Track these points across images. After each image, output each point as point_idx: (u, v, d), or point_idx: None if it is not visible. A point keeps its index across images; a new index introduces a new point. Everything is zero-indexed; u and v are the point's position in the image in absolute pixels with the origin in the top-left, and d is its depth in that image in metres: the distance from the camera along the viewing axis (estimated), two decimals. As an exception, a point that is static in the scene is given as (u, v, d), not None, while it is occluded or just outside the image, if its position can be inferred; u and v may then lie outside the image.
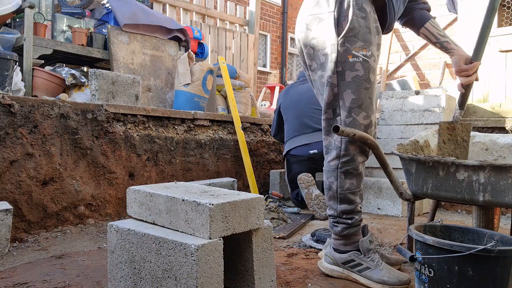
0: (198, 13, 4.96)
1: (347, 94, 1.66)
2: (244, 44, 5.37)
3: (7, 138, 2.41)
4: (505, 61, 3.94)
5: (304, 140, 3.34)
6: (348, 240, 1.79)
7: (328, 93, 1.70)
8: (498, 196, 1.68)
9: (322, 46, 1.70)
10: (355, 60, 1.64)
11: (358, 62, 1.65)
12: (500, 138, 2.27)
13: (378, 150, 1.86)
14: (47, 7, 3.68)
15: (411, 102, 3.75)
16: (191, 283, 1.35)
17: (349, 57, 1.64)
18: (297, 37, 1.86)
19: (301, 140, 3.36)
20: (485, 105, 3.96)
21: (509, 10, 4.07)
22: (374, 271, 1.72)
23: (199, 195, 1.55)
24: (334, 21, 1.65)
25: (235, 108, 3.91)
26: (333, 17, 1.65)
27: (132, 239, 1.55)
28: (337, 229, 1.80)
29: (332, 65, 1.67)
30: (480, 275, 1.35)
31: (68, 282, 1.78)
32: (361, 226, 1.82)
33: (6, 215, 2.12)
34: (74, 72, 3.42)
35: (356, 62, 1.65)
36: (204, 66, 3.79)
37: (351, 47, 1.64)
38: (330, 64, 1.67)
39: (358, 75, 1.65)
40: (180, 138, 3.39)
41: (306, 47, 1.78)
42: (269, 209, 2.96)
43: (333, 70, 1.67)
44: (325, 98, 1.71)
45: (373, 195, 3.50)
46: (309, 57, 1.79)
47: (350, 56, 1.64)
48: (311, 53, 1.76)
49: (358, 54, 1.64)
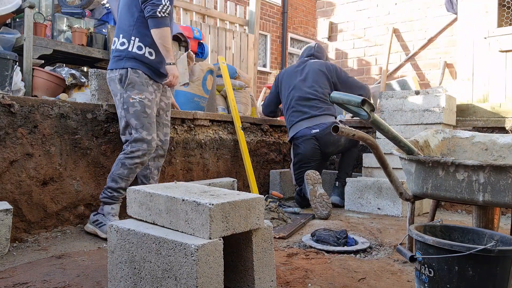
0: (198, 13, 4.96)
1: (132, 121, 2.58)
2: (244, 44, 5.37)
3: (7, 138, 2.41)
4: (505, 61, 3.94)
5: (306, 124, 3.66)
6: (102, 206, 2.59)
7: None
8: (498, 196, 1.68)
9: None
10: (134, 101, 2.56)
11: (136, 102, 2.55)
12: (500, 138, 2.27)
13: (378, 150, 1.86)
14: (47, 7, 3.67)
15: (411, 102, 3.75)
16: (191, 283, 1.35)
17: (129, 99, 2.55)
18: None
19: (302, 125, 3.67)
20: (485, 105, 3.96)
21: (509, 10, 4.07)
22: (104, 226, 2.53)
23: (199, 195, 1.55)
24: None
25: (235, 108, 3.91)
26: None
27: (132, 239, 1.54)
28: (101, 197, 2.58)
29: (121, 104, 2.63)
30: (480, 275, 1.35)
31: (68, 282, 1.78)
32: (118, 200, 2.59)
33: (6, 215, 2.12)
34: (74, 72, 3.42)
35: (135, 101, 2.55)
36: (204, 66, 3.78)
37: (131, 93, 2.57)
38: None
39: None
40: (180, 138, 3.39)
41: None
42: (269, 209, 2.96)
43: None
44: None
45: (373, 195, 3.50)
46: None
47: (131, 99, 2.54)
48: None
49: (136, 97, 2.55)
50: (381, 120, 1.76)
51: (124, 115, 2.56)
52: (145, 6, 2.50)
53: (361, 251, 2.33)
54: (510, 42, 3.90)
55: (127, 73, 2.55)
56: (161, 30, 2.51)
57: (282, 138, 4.48)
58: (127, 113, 2.55)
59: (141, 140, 2.55)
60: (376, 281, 1.87)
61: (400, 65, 5.47)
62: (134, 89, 2.55)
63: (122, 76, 2.55)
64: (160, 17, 2.49)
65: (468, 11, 4.15)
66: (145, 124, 2.57)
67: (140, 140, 2.55)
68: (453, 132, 2.42)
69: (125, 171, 2.54)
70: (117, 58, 2.60)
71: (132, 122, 2.55)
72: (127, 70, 2.55)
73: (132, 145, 2.55)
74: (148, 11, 2.48)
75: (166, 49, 2.58)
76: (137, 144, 2.55)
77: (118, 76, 2.56)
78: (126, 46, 2.57)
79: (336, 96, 1.76)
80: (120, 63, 2.58)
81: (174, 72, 2.66)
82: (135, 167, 2.57)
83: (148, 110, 2.59)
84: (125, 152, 2.56)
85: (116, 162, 2.57)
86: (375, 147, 1.84)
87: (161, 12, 2.48)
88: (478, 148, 2.32)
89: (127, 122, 2.57)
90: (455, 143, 2.38)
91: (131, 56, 2.57)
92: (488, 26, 4.01)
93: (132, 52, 2.56)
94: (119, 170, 2.53)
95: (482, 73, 4.07)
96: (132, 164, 2.54)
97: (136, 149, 2.54)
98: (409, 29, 5.43)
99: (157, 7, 2.47)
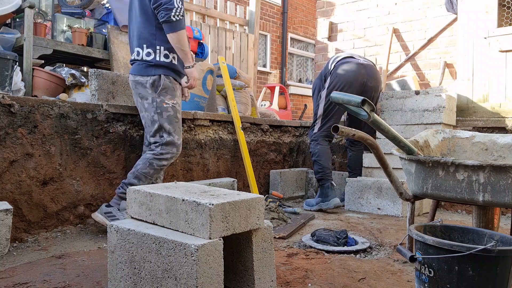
0: (198, 13, 4.96)
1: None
2: (244, 44, 5.37)
3: (7, 138, 2.41)
4: (505, 61, 3.94)
5: (351, 58, 3.64)
6: (118, 201, 2.60)
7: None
8: (498, 196, 1.68)
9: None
10: (167, 106, 2.62)
11: (169, 107, 2.61)
12: (500, 138, 2.27)
13: (378, 150, 1.86)
14: (47, 7, 3.68)
15: (411, 102, 3.75)
16: (191, 283, 1.35)
17: (163, 104, 2.61)
18: None
19: (346, 58, 3.64)
20: (485, 105, 3.95)
21: (509, 10, 4.07)
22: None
23: (199, 195, 1.55)
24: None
25: (235, 108, 3.90)
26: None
27: (132, 239, 1.54)
28: (118, 191, 2.60)
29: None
30: (480, 275, 1.34)
31: (68, 282, 1.78)
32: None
33: (6, 215, 2.12)
34: (74, 72, 3.42)
35: (169, 106, 2.61)
36: (204, 66, 3.78)
37: (164, 98, 2.62)
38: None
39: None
40: (180, 138, 3.39)
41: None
42: (269, 209, 2.96)
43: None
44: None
45: (373, 195, 3.50)
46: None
47: (164, 103, 2.60)
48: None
49: (169, 103, 2.62)
50: (381, 120, 1.76)
51: (158, 119, 2.59)
52: (158, 11, 2.47)
53: (361, 251, 2.33)
54: (510, 42, 3.89)
55: (159, 79, 2.58)
56: (177, 34, 2.49)
57: (282, 138, 4.48)
58: (161, 117, 2.58)
59: (172, 144, 2.61)
60: (376, 281, 1.87)
61: (400, 65, 5.47)
62: (167, 94, 2.59)
63: (155, 82, 2.57)
64: (175, 21, 2.46)
65: (468, 11, 4.15)
66: (177, 129, 2.65)
67: (171, 144, 2.61)
68: (453, 132, 2.42)
69: (151, 171, 2.57)
70: (146, 65, 2.59)
71: (166, 126, 2.59)
72: (159, 76, 2.58)
73: (163, 147, 2.59)
74: (162, 16, 2.45)
75: (185, 52, 2.57)
76: (168, 147, 2.59)
77: (150, 81, 2.57)
78: (153, 57, 2.58)
79: (336, 96, 1.76)
80: (151, 70, 2.59)
81: (194, 74, 2.68)
82: (161, 169, 2.62)
83: (179, 115, 2.67)
84: (155, 153, 2.58)
85: (143, 161, 2.58)
86: (375, 147, 1.84)
87: (176, 16, 2.45)
88: (478, 148, 2.31)
89: (161, 126, 2.59)
90: (455, 143, 2.38)
91: (161, 65, 2.58)
92: (488, 26, 4.01)
93: (160, 61, 2.58)
94: (145, 169, 2.55)
95: (482, 73, 4.06)
96: (159, 166, 2.59)
97: (166, 151, 2.59)
98: (409, 29, 5.43)
99: (171, 12, 2.43)
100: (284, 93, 7.74)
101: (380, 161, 1.90)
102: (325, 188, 3.51)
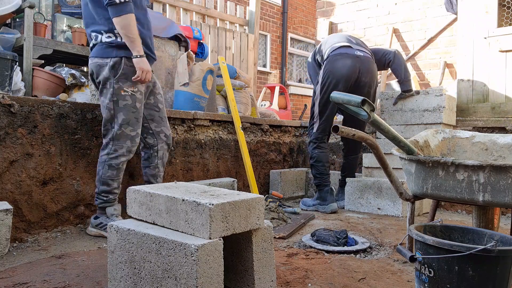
0: (198, 13, 4.96)
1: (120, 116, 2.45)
2: (244, 44, 5.36)
3: (7, 138, 2.41)
4: (505, 61, 3.94)
5: (346, 49, 3.48)
6: (102, 210, 2.52)
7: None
8: (498, 196, 1.68)
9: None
10: (126, 94, 2.42)
11: (127, 95, 2.43)
12: (500, 138, 2.27)
13: (378, 150, 1.86)
14: (47, 7, 3.67)
15: (411, 102, 3.75)
16: (191, 283, 1.35)
17: (121, 92, 2.41)
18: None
19: (341, 48, 3.49)
20: (485, 105, 3.96)
21: (509, 10, 4.07)
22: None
23: (199, 195, 1.55)
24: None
25: (235, 108, 3.90)
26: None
27: (132, 239, 1.54)
28: (96, 202, 2.51)
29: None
30: (480, 275, 1.34)
31: (68, 282, 1.78)
32: (115, 200, 2.54)
33: (6, 215, 2.12)
34: (74, 72, 3.42)
35: (127, 95, 2.42)
36: (204, 66, 3.78)
37: (123, 85, 2.42)
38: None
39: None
40: (180, 138, 3.39)
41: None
42: (269, 209, 2.96)
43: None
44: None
45: (373, 195, 3.50)
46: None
47: (122, 91, 2.41)
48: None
49: (128, 90, 2.43)
50: (381, 120, 1.76)
51: (112, 107, 2.40)
52: None
53: (361, 251, 2.33)
54: (510, 42, 3.89)
55: (120, 62, 2.38)
56: (121, 18, 2.28)
57: (282, 138, 4.48)
58: (116, 106, 2.40)
59: (124, 137, 2.43)
60: (376, 281, 1.87)
61: (400, 65, 5.46)
62: (127, 81, 2.40)
63: (115, 64, 2.38)
64: (119, 3, 2.26)
65: (468, 11, 4.15)
66: (132, 120, 2.44)
67: (124, 137, 2.43)
68: (453, 132, 2.42)
69: (114, 172, 2.45)
70: (106, 45, 2.39)
71: (119, 116, 2.41)
72: (121, 59, 2.39)
73: (114, 143, 2.43)
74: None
75: (131, 39, 2.33)
76: (119, 141, 2.43)
77: (110, 63, 2.38)
78: (114, 38, 2.40)
79: (336, 96, 1.76)
80: (111, 51, 2.38)
81: (142, 66, 2.39)
82: (122, 165, 2.49)
83: (138, 104, 2.46)
84: (108, 153, 2.44)
85: (101, 164, 2.45)
86: (375, 147, 1.84)
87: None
88: (478, 148, 2.31)
89: (113, 116, 2.41)
90: (455, 143, 2.38)
91: (123, 46, 2.38)
92: (488, 26, 4.01)
93: (122, 42, 2.38)
94: (108, 173, 2.44)
95: (482, 73, 4.07)
96: (119, 164, 2.46)
97: (120, 146, 2.44)
98: (409, 29, 5.43)
99: None
100: (284, 93, 7.73)
101: (380, 161, 1.90)
102: (324, 192, 3.51)
